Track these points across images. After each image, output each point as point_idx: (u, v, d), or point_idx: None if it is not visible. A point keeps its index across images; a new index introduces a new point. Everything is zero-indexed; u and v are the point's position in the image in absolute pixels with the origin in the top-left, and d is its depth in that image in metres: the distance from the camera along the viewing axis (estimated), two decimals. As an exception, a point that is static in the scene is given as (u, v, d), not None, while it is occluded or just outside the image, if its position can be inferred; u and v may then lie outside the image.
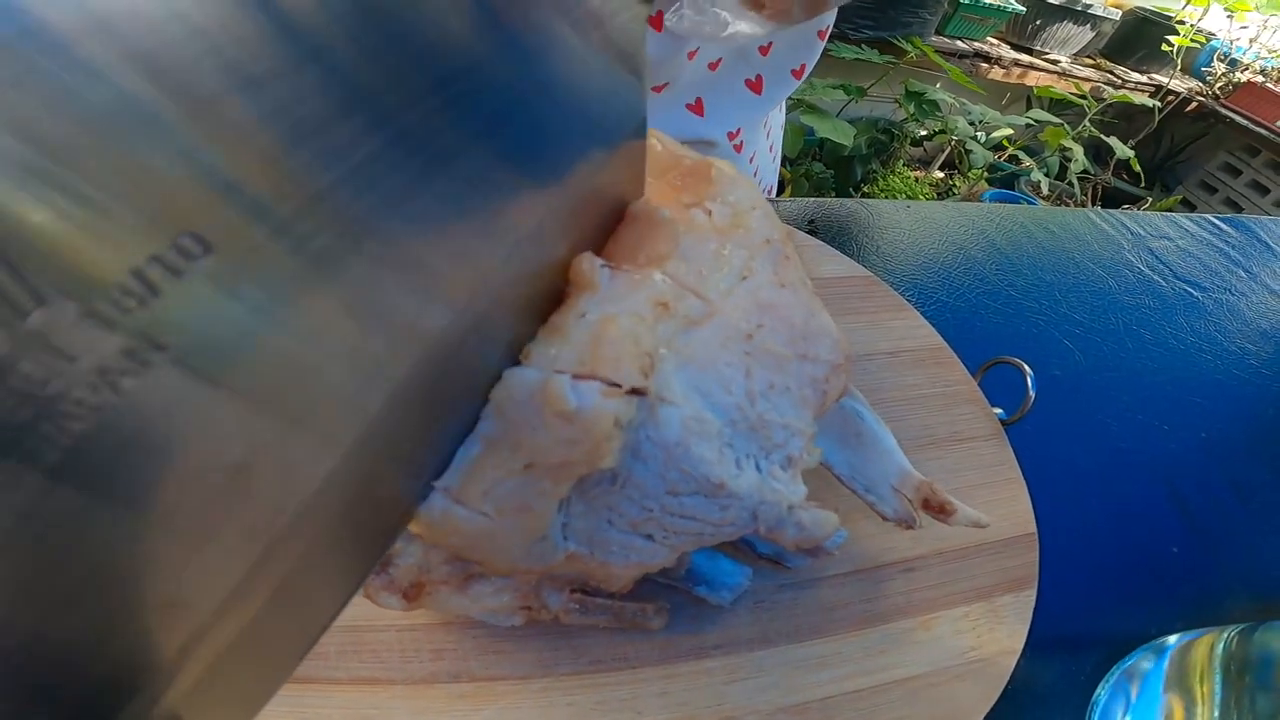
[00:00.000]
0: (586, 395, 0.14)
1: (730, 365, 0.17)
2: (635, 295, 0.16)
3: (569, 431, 0.14)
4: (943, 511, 0.22)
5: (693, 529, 0.17)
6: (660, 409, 0.15)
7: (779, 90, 0.42)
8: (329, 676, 0.24)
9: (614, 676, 0.24)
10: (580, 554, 0.16)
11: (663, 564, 0.18)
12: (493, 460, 0.15)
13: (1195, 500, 0.37)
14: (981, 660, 0.26)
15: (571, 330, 0.15)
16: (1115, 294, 0.51)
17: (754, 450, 0.17)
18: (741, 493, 0.16)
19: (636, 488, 0.16)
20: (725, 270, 0.17)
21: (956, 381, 0.34)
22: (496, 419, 0.15)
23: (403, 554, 0.19)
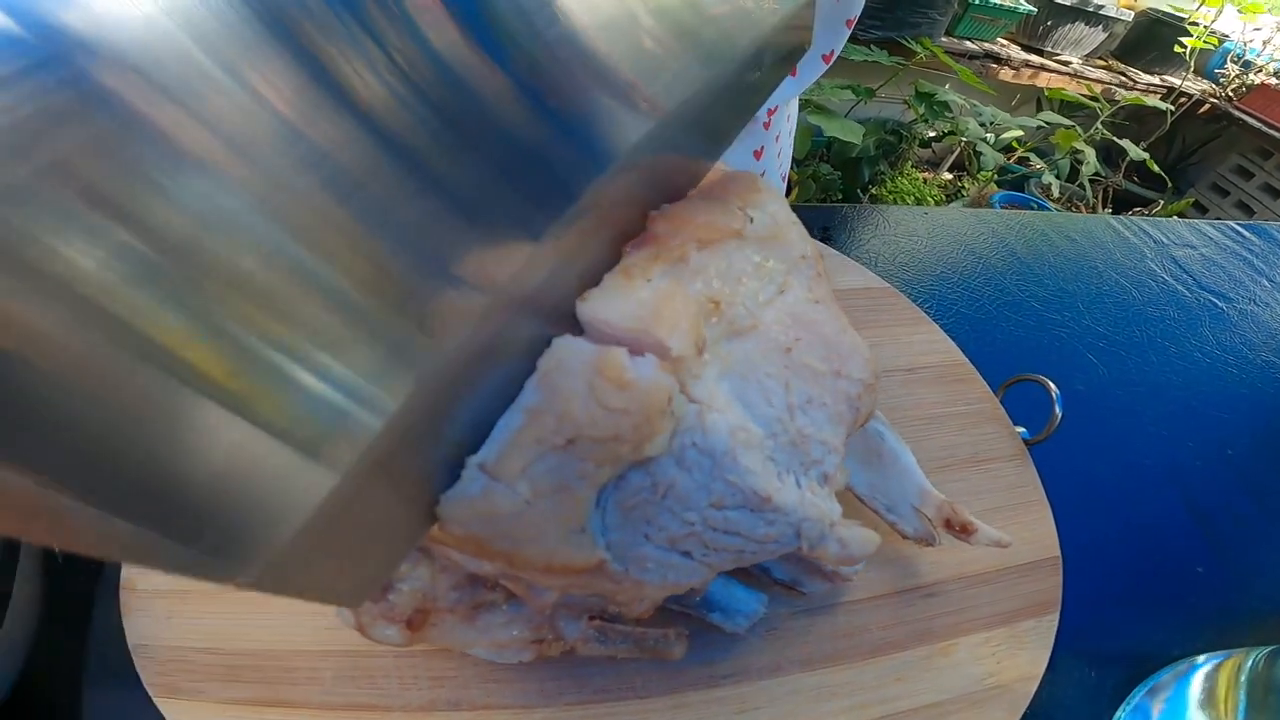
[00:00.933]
0: (644, 367, 0.14)
1: (771, 377, 0.16)
2: (693, 283, 0.15)
3: (622, 400, 0.14)
4: (964, 531, 0.22)
5: (734, 545, 0.16)
6: (708, 415, 0.15)
7: (811, 72, 0.43)
8: (324, 702, 0.23)
9: (621, 706, 0.23)
10: (614, 570, 0.15)
11: (696, 584, 0.17)
12: (534, 432, 0.14)
13: (1221, 519, 0.36)
14: (1000, 687, 0.25)
15: (637, 289, 0.15)
16: (1138, 305, 0.50)
17: (794, 465, 0.16)
18: (787, 507, 0.16)
19: (678, 499, 0.15)
20: (765, 281, 0.17)
21: (978, 399, 0.33)
22: (542, 388, 0.14)
23: (407, 578, 0.18)
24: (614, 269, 0.16)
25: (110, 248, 0.08)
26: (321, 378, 0.10)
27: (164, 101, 0.08)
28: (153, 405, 0.09)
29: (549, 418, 0.14)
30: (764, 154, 0.46)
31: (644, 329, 0.14)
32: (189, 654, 0.24)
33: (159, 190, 0.08)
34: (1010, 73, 1.62)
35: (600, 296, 0.15)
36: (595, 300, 0.15)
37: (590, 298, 0.15)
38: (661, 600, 0.18)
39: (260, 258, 0.09)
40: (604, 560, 0.15)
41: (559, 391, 0.14)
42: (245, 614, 0.25)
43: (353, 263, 0.10)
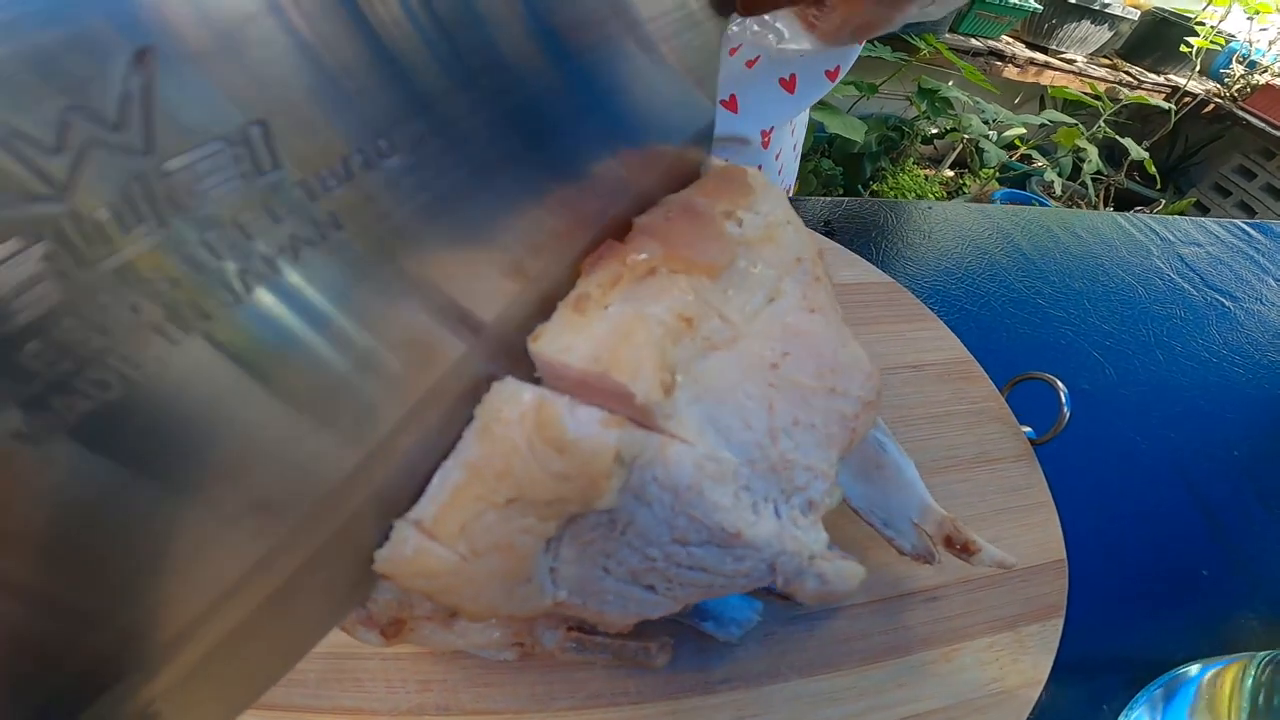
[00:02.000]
0: (586, 424, 0.13)
1: (751, 398, 0.15)
2: (660, 302, 0.14)
3: (562, 464, 0.12)
4: (965, 550, 0.21)
5: (701, 580, 0.15)
6: (671, 448, 0.14)
7: (812, 90, 0.41)
8: (309, 705, 0.22)
9: (615, 713, 0.22)
10: (571, 603, 0.14)
11: (665, 614, 0.16)
12: (474, 490, 0.13)
13: (1228, 522, 0.35)
14: (1004, 692, 0.24)
15: (592, 320, 0.13)
16: (1145, 303, 0.49)
17: (773, 493, 0.15)
18: (759, 542, 0.14)
19: (638, 535, 0.14)
20: (753, 290, 0.16)
21: (983, 398, 0.33)
22: (481, 441, 0.13)
23: (381, 588, 0.17)
24: (566, 299, 0.14)
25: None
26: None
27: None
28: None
29: (488, 475, 0.13)
30: (762, 171, 0.45)
31: (602, 372, 0.13)
32: (171, 654, 0.23)
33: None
34: (1014, 70, 1.61)
35: (552, 333, 0.14)
36: (547, 338, 0.14)
37: (542, 334, 0.14)
38: (636, 622, 0.17)
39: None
40: (557, 600, 0.15)
41: (498, 445, 0.13)
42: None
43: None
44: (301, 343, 0.10)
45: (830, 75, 0.41)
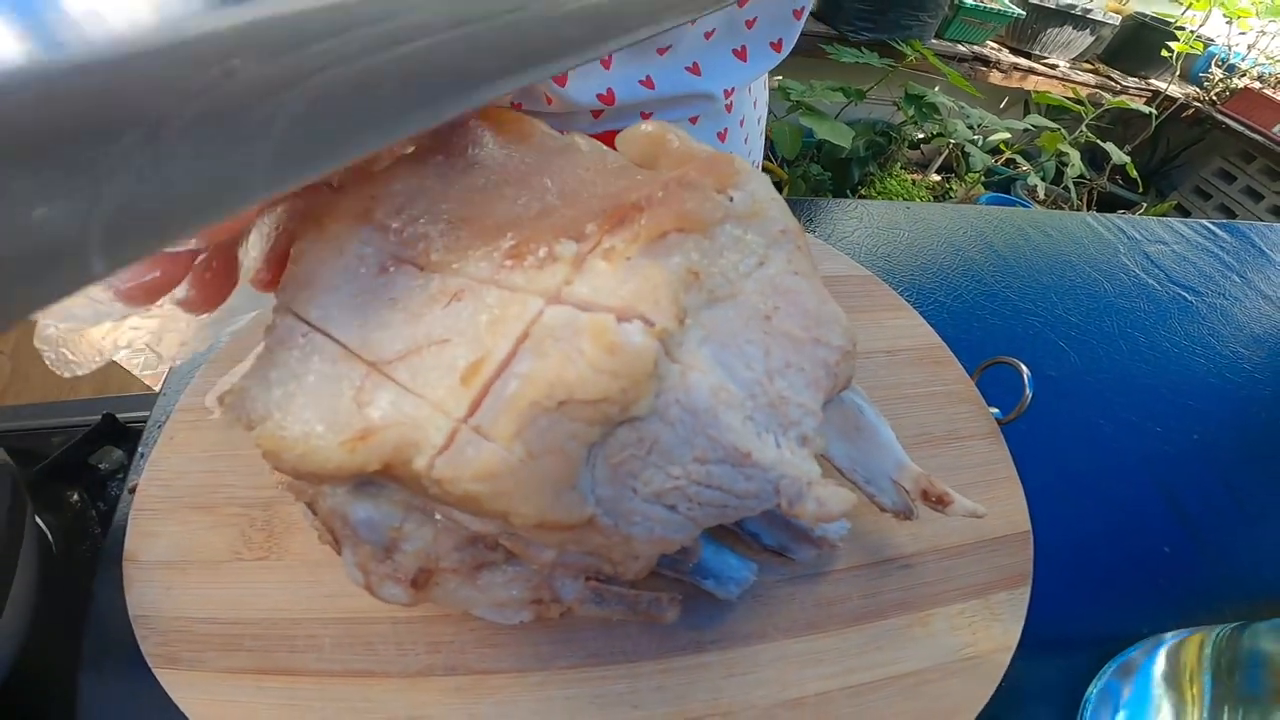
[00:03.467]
0: (632, 331, 0.15)
1: (750, 343, 0.17)
2: (671, 257, 0.16)
3: (611, 363, 0.15)
4: (940, 502, 0.23)
5: (716, 500, 0.17)
6: (689, 375, 0.16)
7: (762, 60, 0.45)
8: (323, 669, 0.24)
9: (612, 670, 0.24)
10: (604, 524, 0.16)
11: (682, 541, 0.18)
12: (528, 396, 0.15)
13: (1188, 501, 0.37)
14: (977, 657, 0.26)
15: (617, 269, 0.16)
16: (1110, 297, 0.52)
17: (773, 425, 0.17)
18: (765, 463, 0.17)
19: (663, 453, 0.16)
20: (745, 254, 0.18)
21: (954, 381, 0.35)
22: (536, 355, 0.15)
23: (411, 538, 0.19)
24: (594, 251, 0.16)
25: None
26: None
27: None
28: None
29: (541, 381, 0.15)
30: (728, 136, 0.48)
31: (626, 305, 0.15)
32: (190, 624, 0.25)
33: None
34: (999, 75, 1.64)
35: (585, 276, 0.16)
36: (580, 282, 0.16)
37: (574, 279, 0.16)
38: (654, 559, 0.19)
39: None
40: (594, 515, 0.16)
41: (551, 356, 0.15)
42: (245, 584, 0.26)
43: None
44: None
45: (775, 47, 0.45)
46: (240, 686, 0.23)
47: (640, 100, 0.40)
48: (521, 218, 0.19)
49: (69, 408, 0.46)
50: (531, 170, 0.21)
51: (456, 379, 0.15)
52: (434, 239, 0.18)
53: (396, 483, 0.17)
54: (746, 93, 0.49)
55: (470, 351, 0.16)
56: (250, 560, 0.26)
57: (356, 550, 0.19)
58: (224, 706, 0.23)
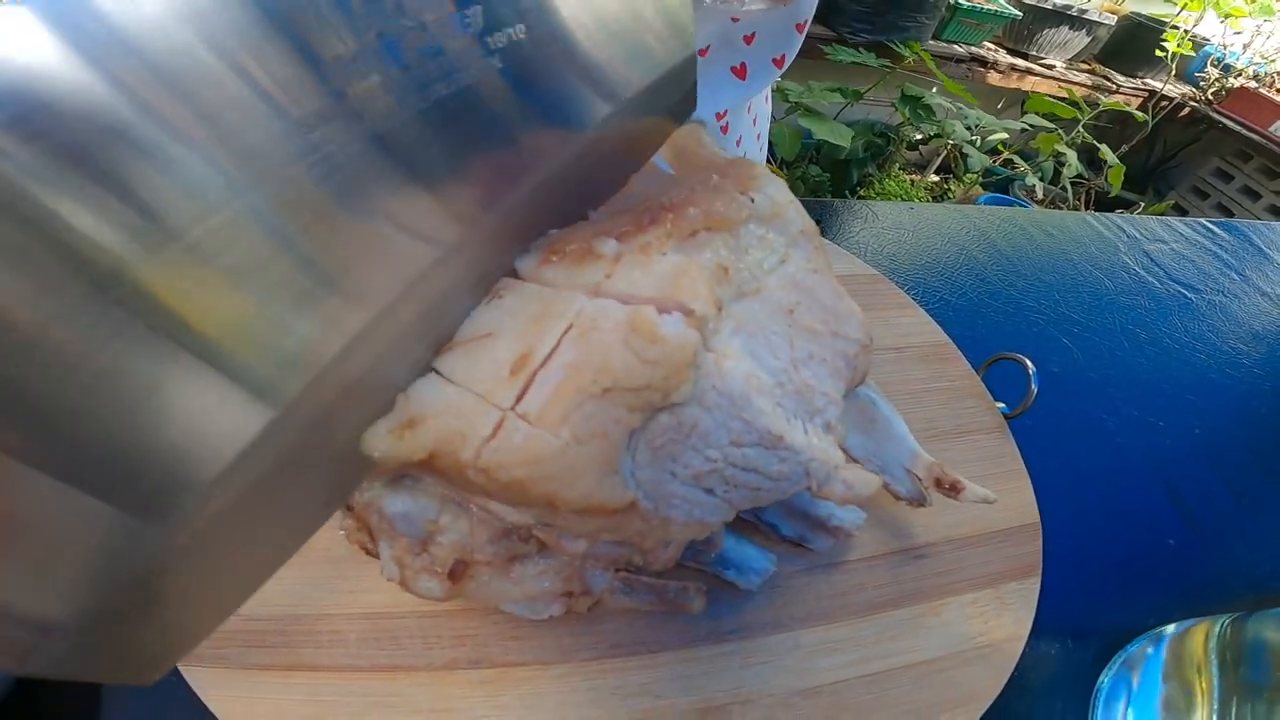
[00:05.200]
0: (673, 323, 0.16)
1: (776, 334, 0.18)
2: (703, 253, 0.17)
3: (654, 353, 0.15)
4: (953, 489, 0.23)
5: (752, 482, 0.18)
6: (724, 362, 0.17)
7: (762, 77, 0.44)
8: (349, 664, 0.24)
9: (634, 661, 0.24)
10: (644, 507, 0.17)
11: (716, 525, 0.18)
12: (574, 384, 0.15)
13: (1190, 494, 0.38)
14: (990, 645, 0.26)
15: (654, 264, 0.17)
16: (1112, 295, 0.52)
17: (800, 412, 0.18)
18: (796, 446, 0.17)
19: (701, 437, 0.17)
20: (768, 252, 0.19)
21: (960, 376, 0.35)
22: (579, 345, 0.16)
23: (448, 530, 0.19)
24: (630, 246, 0.17)
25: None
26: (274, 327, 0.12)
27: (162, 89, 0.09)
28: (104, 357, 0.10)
29: (587, 370, 0.15)
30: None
31: (667, 295, 0.16)
32: (214, 621, 0.25)
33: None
34: (997, 76, 1.65)
35: (624, 271, 0.17)
36: (619, 276, 0.17)
37: (614, 274, 0.17)
38: (683, 546, 0.20)
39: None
40: (635, 499, 0.17)
41: (595, 346, 0.16)
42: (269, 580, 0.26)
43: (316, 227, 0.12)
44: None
45: (777, 62, 0.44)
46: (266, 683, 0.24)
47: None
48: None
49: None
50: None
51: (503, 371, 0.16)
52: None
53: (436, 474, 0.17)
54: (745, 111, 0.48)
55: (515, 345, 0.16)
56: (275, 557, 0.27)
57: (393, 544, 0.20)
58: (250, 703, 0.23)
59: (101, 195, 0.09)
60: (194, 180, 0.10)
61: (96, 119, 0.09)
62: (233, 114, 0.10)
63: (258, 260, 0.12)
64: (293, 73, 0.11)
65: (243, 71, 0.10)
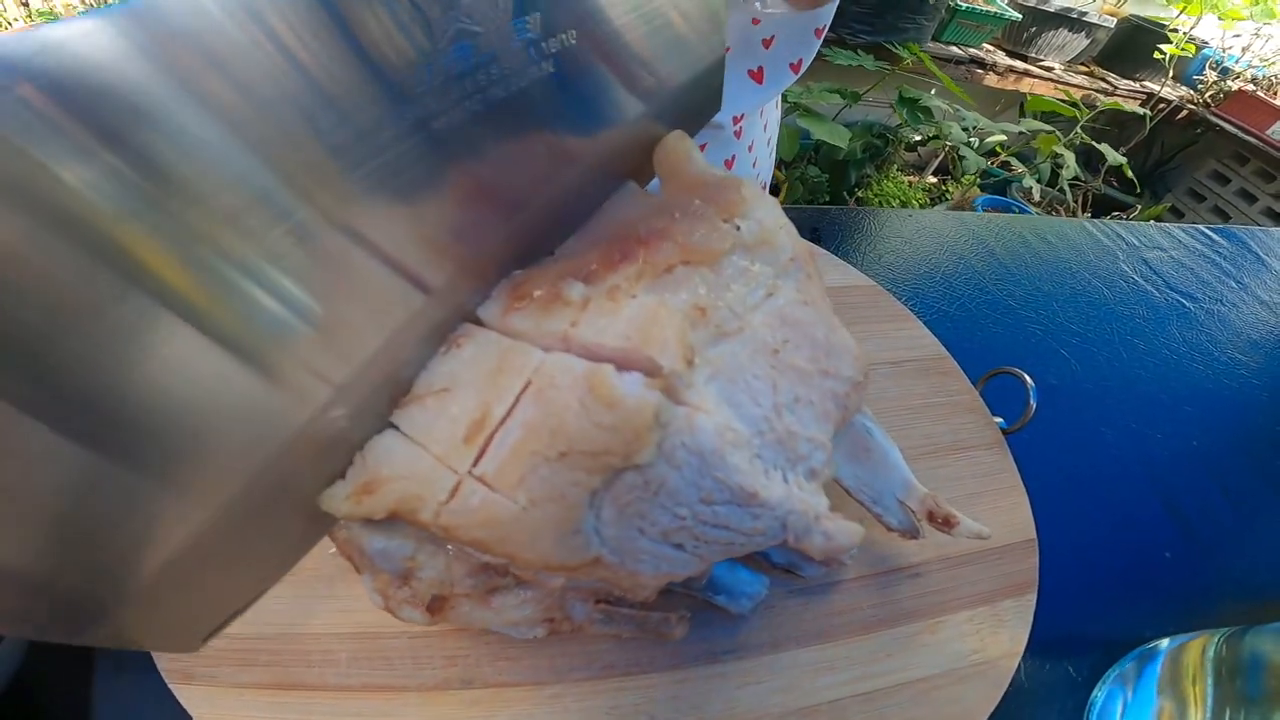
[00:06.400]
0: (631, 384, 0.15)
1: (758, 378, 0.17)
2: (678, 294, 0.16)
3: (611, 418, 0.15)
4: (946, 524, 0.23)
5: (724, 538, 0.17)
6: (696, 417, 0.16)
7: (779, 81, 0.44)
8: (340, 684, 0.24)
9: (627, 681, 0.24)
10: (610, 562, 0.16)
11: (690, 575, 0.18)
12: (530, 445, 0.15)
13: (1187, 506, 0.38)
14: (985, 663, 0.26)
15: (622, 309, 0.16)
16: (1110, 304, 0.52)
17: (781, 461, 0.17)
18: (772, 502, 0.17)
19: (670, 495, 0.16)
20: (753, 286, 0.18)
21: (958, 391, 0.35)
22: (537, 404, 0.15)
23: (425, 567, 0.19)
24: (598, 288, 0.16)
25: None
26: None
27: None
28: (129, 327, 0.10)
29: (543, 431, 0.15)
30: (735, 163, 0.47)
31: (633, 348, 0.15)
32: (204, 639, 0.25)
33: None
34: (995, 78, 1.65)
35: (591, 318, 0.16)
36: (586, 324, 0.16)
37: (580, 321, 0.16)
38: (662, 586, 0.19)
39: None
40: (600, 555, 0.17)
41: (552, 406, 0.15)
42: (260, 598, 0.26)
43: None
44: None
45: (794, 67, 0.43)
46: (257, 702, 0.23)
47: None
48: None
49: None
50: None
51: (460, 434, 0.16)
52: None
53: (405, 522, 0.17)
54: (758, 116, 0.48)
55: (473, 402, 0.16)
56: (266, 574, 0.26)
57: (376, 577, 0.20)
58: (241, 721, 0.23)
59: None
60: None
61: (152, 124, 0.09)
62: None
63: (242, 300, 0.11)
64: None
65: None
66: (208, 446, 0.12)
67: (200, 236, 0.10)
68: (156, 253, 0.10)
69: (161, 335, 0.11)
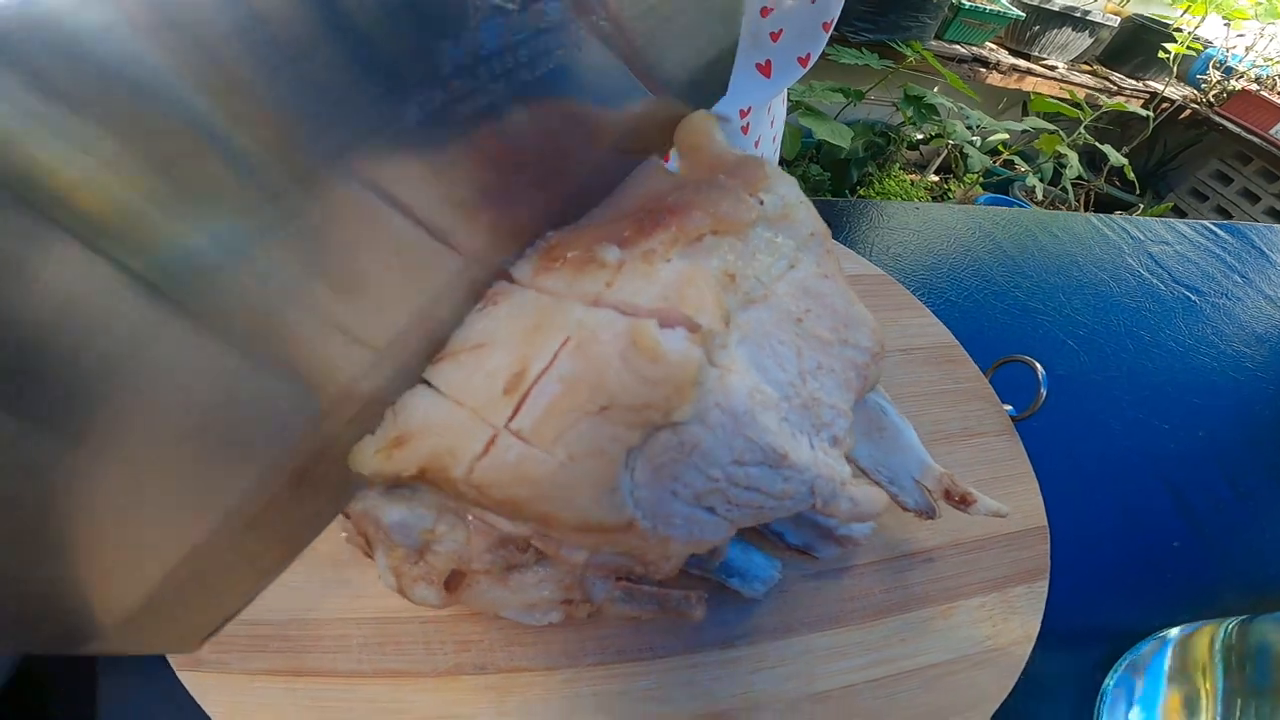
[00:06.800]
0: (675, 338, 0.15)
1: (784, 344, 0.17)
2: (710, 260, 0.16)
3: (654, 371, 0.15)
4: (963, 502, 0.23)
5: (754, 501, 0.17)
6: (728, 378, 0.16)
7: (786, 75, 0.44)
8: (353, 670, 0.24)
9: (640, 666, 0.24)
10: (643, 527, 0.16)
11: (720, 541, 0.18)
12: (570, 400, 0.15)
13: (1194, 497, 0.38)
14: (997, 649, 0.26)
15: (658, 271, 0.16)
16: (1116, 297, 0.52)
17: (806, 427, 0.17)
18: (801, 464, 0.17)
19: (703, 456, 0.16)
20: (777, 257, 0.18)
21: (968, 379, 0.35)
22: (576, 358, 0.15)
23: (443, 540, 0.19)
24: (633, 252, 0.16)
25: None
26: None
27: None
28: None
29: (583, 386, 0.15)
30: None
31: (671, 306, 0.15)
32: (213, 625, 0.25)
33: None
34: (998, 77, 1.65)
35: (626, 280, 0.16)
36: (621, 285, 0.16)
37: (615, 283, 0.16)
38: (685, 559, 0.19)
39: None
40: (634, 519, 0.16)
41: (593, 361, 0.15)
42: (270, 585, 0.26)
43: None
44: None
45: (802, 61, 0.44)
46: (268, 689, 0.23)
47: None
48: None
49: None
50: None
51: (497, 387, 0.15)
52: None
53: (431, 486, 0.17)
54: (765, 112, 0.48)
55: (510, 357, 0.16)
56: (277, 560, 0.26)
57: (389, 553, 0.20)
58: (251, 709, 0.23)
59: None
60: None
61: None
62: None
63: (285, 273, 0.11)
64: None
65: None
66: (245, 429, 0.12)
67: (222, 197, 0.10)
68: (180, 217, 0.10)
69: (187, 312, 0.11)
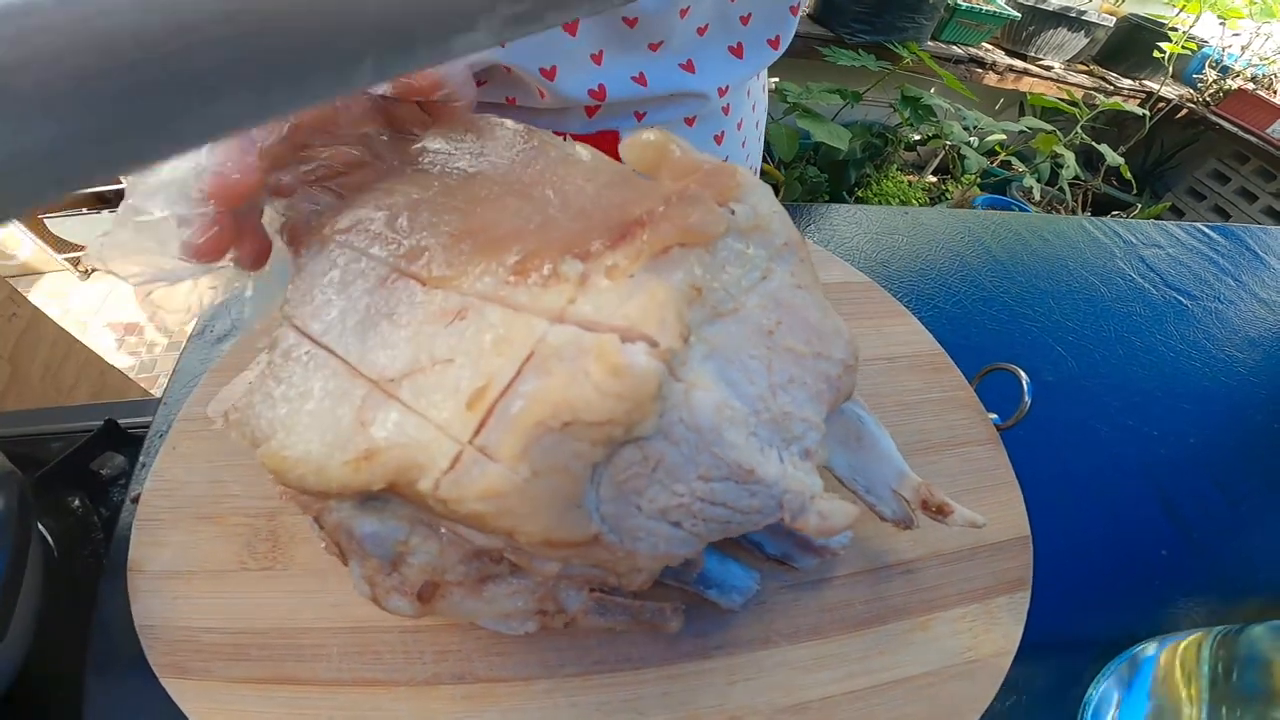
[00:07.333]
0: (636, 353, 0.15)
1: (753, 358, 0.17)
2: (675, 273, 0.16)
3: (617, 386, 0.15)
4: (940, 512, 0.23)
5: (720, 516, 0.17)
6: (693, 393, 0.16)
7: (758, 57, 0.44)
8: (331, 678, 0.24)
9: (617, 677, 0.24)
10: (609, 541, 0.16)
11: (687, 555, 0.18)
12: (534, 416, 0.15)
13: (1184, 504, 0.38)
14: (978, 660, 0.26)
15: (621, 285, 0.16)
16: (1107, 301, 0.52)
17: (776, 441, 0.17)
18: (769, 479, 0.17)
19: (668, 472, 0.16)
20: (748, 268, 0.18)
21: (953, 387, 0.35)
22: (540, 375, 0.15)
23: (416, 552, 0.19)
24: (596, 266, 0.16)
25: None
26: None
27: None
28: None
29: (547, 402, 0.15)
30: (725, 139, 0.47)
31: (631, 325, 0.15)
32: (196, 634, 0.25)
33: None
34: (995, 77, 1.65)
35: (590, 295, 0.16)
36: (582, 300, 0.16)
37: (578, 298, 0.16)
38: (657, 571, 0.19)
39: None
40: (600, 533, 0.16)
41: (557, 377, 0.15)
42: (251, 594, 0.26)
43: None
44: None
45: (772, 44, 0.44)
46: (249, 696, 0.24)
47: (633, 98, 0.40)
48: (524, 231, 0.19)
49: (67, 413, 0.46)
50: (534, 180, 0.21)
51: (462, 402, 0.15)
52: (436, 252, 0.19)
53: (402, 498, 0.17)
54: (745, 95, 0.49)
55: (475, 373, 0.16)
56: (256, 570, 0.27)
57: (363, 563, 0.20)
58: (233, 716, 0.23)
59: None
60: None
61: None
62: None
63: None
64: None
65: None
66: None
67: None
68: None
69: None
